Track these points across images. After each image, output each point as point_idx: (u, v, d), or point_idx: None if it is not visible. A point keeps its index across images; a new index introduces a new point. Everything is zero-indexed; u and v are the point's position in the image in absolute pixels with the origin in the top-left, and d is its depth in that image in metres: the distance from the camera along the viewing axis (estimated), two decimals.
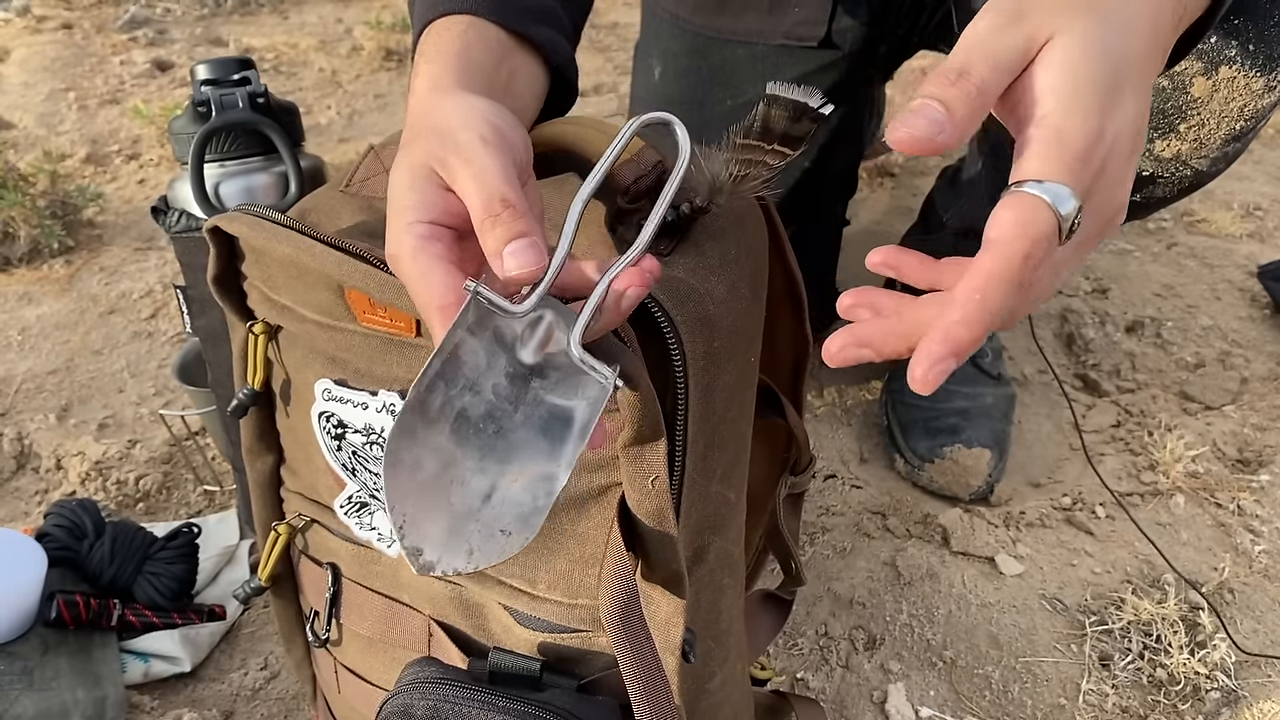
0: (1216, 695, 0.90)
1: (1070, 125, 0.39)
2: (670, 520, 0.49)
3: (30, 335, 1.39)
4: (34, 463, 1.16)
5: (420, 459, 0.43)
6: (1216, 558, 1.05)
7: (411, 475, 0.43)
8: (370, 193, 0.61)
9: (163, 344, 1.38)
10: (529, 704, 0.52)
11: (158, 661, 0.89)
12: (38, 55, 2.33)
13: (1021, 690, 0.91)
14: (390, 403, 0.53)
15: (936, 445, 1.11)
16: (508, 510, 0.43)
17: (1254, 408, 1.27)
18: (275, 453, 0.66)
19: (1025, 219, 0.38)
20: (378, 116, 2.14)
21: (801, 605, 0.98)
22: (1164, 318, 1.44)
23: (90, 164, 1.87)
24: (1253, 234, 1.68)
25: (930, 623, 0.97)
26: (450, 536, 0.43)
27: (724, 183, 0.52)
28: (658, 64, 1.13)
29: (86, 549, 0.91)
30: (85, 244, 1.61)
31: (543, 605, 0.55)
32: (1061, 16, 0.41)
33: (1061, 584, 1.02)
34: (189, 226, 0.85)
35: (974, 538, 1.05)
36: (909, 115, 0.39)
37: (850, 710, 0.89)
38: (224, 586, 0.99)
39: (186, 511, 1.10)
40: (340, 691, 0.69)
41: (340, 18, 2.73)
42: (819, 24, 1.04)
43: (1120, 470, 1.16)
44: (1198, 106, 0.76)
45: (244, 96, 0.83)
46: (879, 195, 1.78)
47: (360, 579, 0.64)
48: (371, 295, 0.50)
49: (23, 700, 0.81)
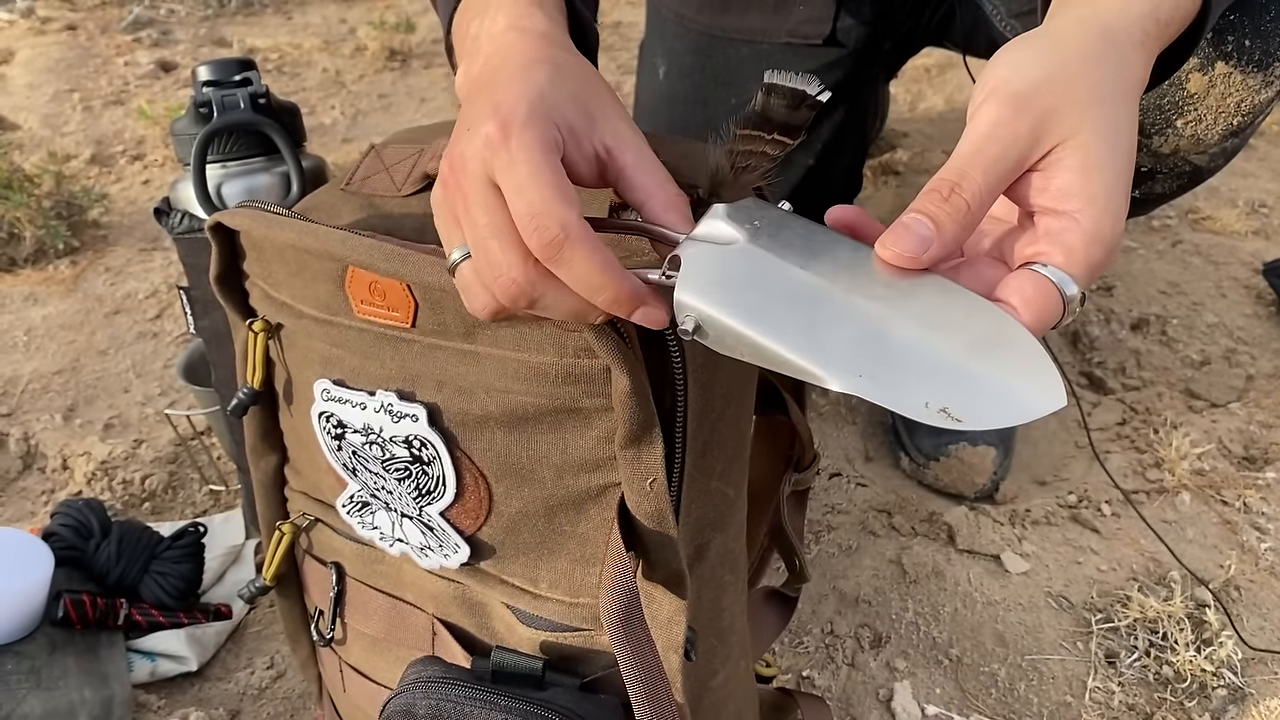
0: (1223, 692, 0.90)
1: (1104, 228, 0.41)
2: (670, 521, 0.49)
3: (36, 336, 1.39)
4: (40, 463, 1.17)
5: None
6: (1222, 555, 1.04)
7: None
8: (371, 191, 0.61)
9: (168, 344, 1.38)
10: (531, 703, 0.53)
11: (164, 661, 0.89)
12: (42, 56, 2.33)
13: (1027, 688, 0.91)
14: (388, 402, 0.53)
15: (941, 443, 1.11)
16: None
17: (1260, 405, 1.26)
18: (279, 452, 0.66)
19: (1044, 306, 0.40)
20: (381, 117, 2.14)
21: (807, 603, 0.98)
22: (1169, 315, 1.43)
23: (95, 165, 1.88)
24: (1258, 231, 1.67)
25: (936, 620, 0.97)
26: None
27: (726, 175, 0.51)
28: (662, 63, 1.13)
29: (93, 549, 0.91)
30: (90, 244, 1.62)
31: (545, 604, 0.55)
32: (1070, 113, 0.41)
33: (1067, 581, 1.01)
34: (192, 227, 0.85)
35: (979, 535, 1.05)
36: (898, 231, 0.40)
37: (856, 708, 0.89)
38: (230, 586, 0.99)
39: (192, 511, 1.10)
40: (345, 690, 0.69)
41: (344, 18, 2.74)
42: (823, 22, 1.04)
43: (1126, 468, 1.16)
44: (1194, 102, 0.75)
45: (245, 97, 0.83)
46: (884, 194, 1.78)
47: (364, 578, 0.64)
48: (377, 268, 0.49)
49: (30, 700, 0.81)
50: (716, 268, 0.41)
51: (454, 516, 0.55)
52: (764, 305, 0.40)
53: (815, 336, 0.39)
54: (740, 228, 0.43)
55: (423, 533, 0.57)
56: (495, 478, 0.53)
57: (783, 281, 0.41)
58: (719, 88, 1.09)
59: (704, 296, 0.41)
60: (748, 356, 0.40)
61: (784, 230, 0.43)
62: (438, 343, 0.51)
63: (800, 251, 0.42)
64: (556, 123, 0.43)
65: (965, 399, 0.38)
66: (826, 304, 0.40)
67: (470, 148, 0.42)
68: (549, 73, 0.45)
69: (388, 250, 0.49)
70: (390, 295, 0.51)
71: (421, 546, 0.58)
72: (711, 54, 1.08)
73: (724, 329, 0.40)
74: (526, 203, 0.40)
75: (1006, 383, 0.38)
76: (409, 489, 0.55)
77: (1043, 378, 0.38)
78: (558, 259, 0.40)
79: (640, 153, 0.45)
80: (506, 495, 0.53)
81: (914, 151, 1.91)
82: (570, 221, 0.39)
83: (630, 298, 0.41)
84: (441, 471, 0.53)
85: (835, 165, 1.16)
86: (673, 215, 0.44)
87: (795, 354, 0.39)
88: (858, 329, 0.40)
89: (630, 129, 0.45)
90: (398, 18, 2.50)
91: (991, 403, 0.38)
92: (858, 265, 0.42)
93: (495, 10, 0.53)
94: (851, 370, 0.38)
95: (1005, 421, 0.38)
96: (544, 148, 0.41)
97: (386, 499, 0.57)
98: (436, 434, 0.52)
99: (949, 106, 2.11)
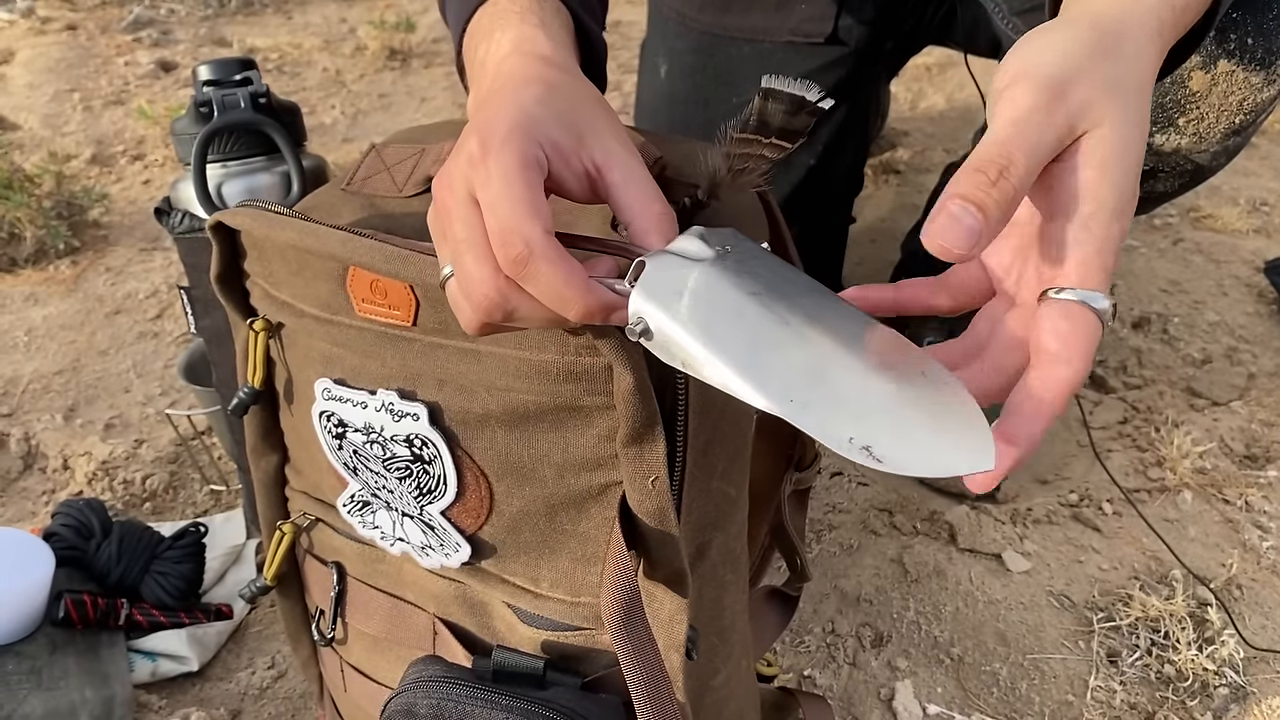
0: (1225, 691, 0.89)
1: (1112, 232, 0.41)
2: (671, 519, 0.49)
3: (36, 336, 1.39)
4: (41, 463, 1.17)
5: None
6: (1224, 554, 1.04)
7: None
8: (371, 191, 0.60)
9: (168, 344, 1.38)
10: (533, 702, 0.52)
11: (165, 661, 0.89)
12: (42, 56, 2.33)
13: (1029, 687, 0.91)
14: (389, 401, 0.53)
15: None
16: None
17: (1261, 403, 1.26)
18: (279, 452, 0.66)
19: (1085, 334, 0.40)
20: (382, 116, 2.14)
21: (808, 602, 0.98)
22: (1170, 314, 1.43)
23: (95, 165, 1.88)
24: (1259, 229, 1.67)
25: (938, 620, 0.97)
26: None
27: (723, 176, 0.51)
28: (663, 62, 1.13)
29: (94, 549, 0.91)
30: (91, 245, 1.62)
31: (546, 603, 0.55)
32: (1103, 103, 0.41)
33: (1069, 581, 1.01)
34: (192, 227, 0.85)
35: (981, 534, 1.05)
36: (945, 222, 0.39)
37: (858, 707, 0.89)
38: (231, 586, 0.99)
39: (193, 511, 1.10)
40: (347, 690, 0.69)
41: (344, 17, 2.74)
42: (825, 20, 1.04)
43: (1127, 466, 1.16)
44: (1197, 100, 0.75)
45: (246, 97, 0.83)
46: (884, 192, 1.78)
47: (365, 577, 0.64)
48: (379, 270, 0.49)
49: (31, 700, 0.81)
50: (676, 278, 0.42)
51: (455, 515, 0.55)
52: (712, 320, 0.41)
53: (756, 357, 0.40)
54: (711, 249, 0.43)
55: (424, 532, 0.57)
56: (496, 476, 0.53)
57: (736, 303, 0.42)
58: (720, 87, 1.09)
59: (656, 301, 0.41)
60: (687, 367, 0.41)
61: (752, 261, 0.44)
62: (439, 341, 0.51)
63: (762, 282, 0.43)
64: (540, 140, 0.43)
65: (890, 442, 0.38)
66: (774, 331, 0.41)
67: (455, 165, 0.44)
68: (539, 93, 0.46)
69: (389, 252, 0.49)
70: (392, 294, 0.51)
71: (422, 546, 0.58)
72: (713, 53, 1.08)
73: (669, 335, 0.41)
74: (497, 218, 0.41)
75: (936, 435, 0.39)
76: (410, 488, 0.55)
77: (974, 439, 0.39)
78: (524, 274, 0.41)
79: (629, 171, 0.45)
80: (507, 494, 0.53)
81: (915, 150, 1.91)
82: (535, 237, 0.40)
83: (599, 310, 0.41)
84: (442, 470, 0.53)
85: (837, 164, 1.16)
86: (653, 236, 0.44)
87: (732, 368, 0.39)
88: (800, 358, 0.40)
89: (621, 147, 0.46)
90: (398, 17, 2.50)
91: (917, 451, 0.38)
92: (816, 307, 0.43)
93: (500, 34, 0.54)
94: (784, 395, 0.39)
95: (926, 472, 0.38)
96: (520, 165, 0.42)
97: (387, 498, 0.57)
98: (437, 433, 0.52)
99: (950, 105, 2.11)
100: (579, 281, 0.41)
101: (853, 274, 1.49)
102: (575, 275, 0.41)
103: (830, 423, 0.38)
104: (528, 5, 0.56)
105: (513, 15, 0.55)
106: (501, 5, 0.56)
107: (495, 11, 0.56)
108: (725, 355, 0.40)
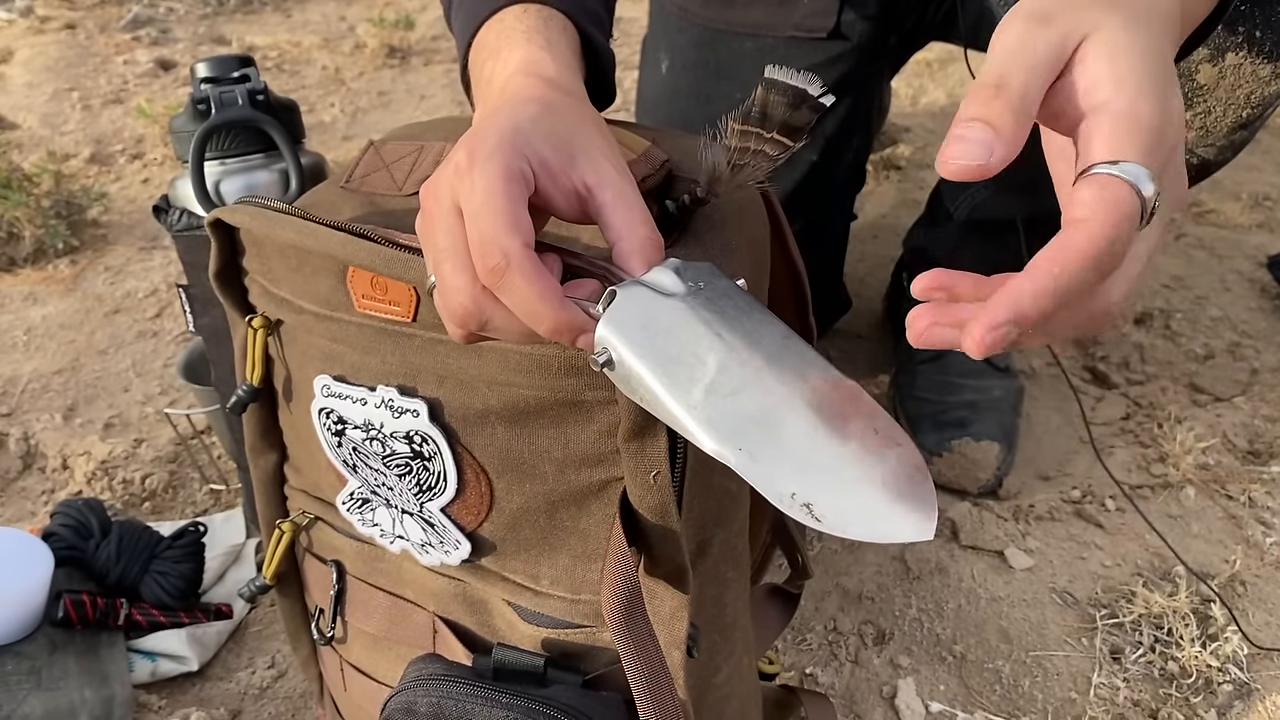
0: (1229, 688, 0.89)
1: (1142, 107, 0.37)
2: (673, 514, 0.49)
3: (36, 335, 1.39)
4: (40, 462, 1.16)
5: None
6: (1228, 550, 1.04)
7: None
8: (370, 189, 0.60)
9: (168, 343, 1.38)
10: (533, 700, 0.52)
11: (165, 661, 0.89)
12: (41, 55, 2.33)
13: (1032, 684, 0.90)
14: (389, 398, 0.53)
15: (945, 438, 1.11)
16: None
17: (1264, 399, 1.26)
18: (278, 450, 0.66)
19: (1111, 198, 0.36)
20: (381, 114, 2.13)
21: (810, 600, 0.98)
22: (1173, 309, 1.43)
23: (94, 164, 1.87)
24: (1262, 224, 1.67)
25: (940, 617, 0.96)
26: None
27: (723, 172, 0.51)
28: (665, 57, 1.13)
29: (93, 548, 0.91)
30: (90, 244, 1.61)
31: (546, 601, 0.55)
32: (1091, 13, 0.40)
33: (1071, 577, 1.01)
34: (190, 225, 0.85)
35: (983, 531, 1.05)
36: (955, 143, 0.38)
37: (860, 705, 0.88)
38: (231, 585, 0.99)
39: (193, 510, 1.10)
40: (347, 689, 0.69)
41: (343, 15, 2.74)
42: (828, 15, 1.04)
43: (1130, 462, 1.15)
44: (1204, 94, 0.75)
45: (244, 94, 0.83)
46: (886, 188, 1.78)
47: (364, 576, 0.63)
48: (376, 271, 0.49)
49: (31, 700, 0.81)
50: (645, 311, 0.42)
51: (455, 512, 0.55)
52: (673, 359, 0.41)
53: (710, 401, 0.40)
54: (684, 284, 0.43)
55: (423, 529, 0.56)
56: (496, 473, 0.52)
57: (700, 343, 0.41)
58: (722, 82, 1.09)
59: (622, 334, 0.41)
60: (644, 402, 0.41)
61: (724, 299, 0.44)
62: (439, 336, 0.50)
63: (729, 323, 0.43)
64: (528, 156, 0.44)
65: (831, 502, 0.38)
66: (733, 375, 0.41)
67: (443, 175, 0.45)
68: (533, 111, 0.47)
69: (389, 255, 0.49)
70: (392, 290, 0.51)
71: (422, 543, 0.57)
72: (715, 48, 1.08)
73: (630, 369, 0.41)
74: (478, 229, 0.41)
75: (879, 499, 0.38)
76: (409, 485, 0.55)
77: (917, 506, 0.38)
78: (500, 285, 0.41)
79: (619, 193, 0.45)
80: (508, 491, 0.53)
81: (916, 146, 1.90)
82: (513, 250, 0.40)
83: (569, 328, 0.42)
84: (442, 467, 0.53)
85: (839, 161, 1.16)
86: (636, 258, 0.44)
87: (684, 412, 0.39)
88: (752, 407, 0.40)
89: (614, 169, 0.46)
90: (397, 15, 2.49)
91: (857, 514, 0.38)
92: (780, 353, 0.42)
93: (507, 53, 0.54)
94: (734, 442, 0.39)
95: (865, 536, 0.38)
96: (504, 177, 0.42)
97: (387, 496, 0.57)
98: (437, 429, 0.52)
99: (951, 101, 2.10)
100: (553, 298, 0.41)
101: (854, 270, 1.49)
102: (549, 291, 0.41)
103: (774, 476, 0.38)
104: (533, 24, 0.56)
105: (519, 35, 0.55)
106: (508, 22, 0.57)
107: (502, 29, 0.56)
108: (680, 396, 0.40)
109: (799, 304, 0.71)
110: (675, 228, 0.54)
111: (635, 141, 0.58)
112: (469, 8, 0.60)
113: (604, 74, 0.62)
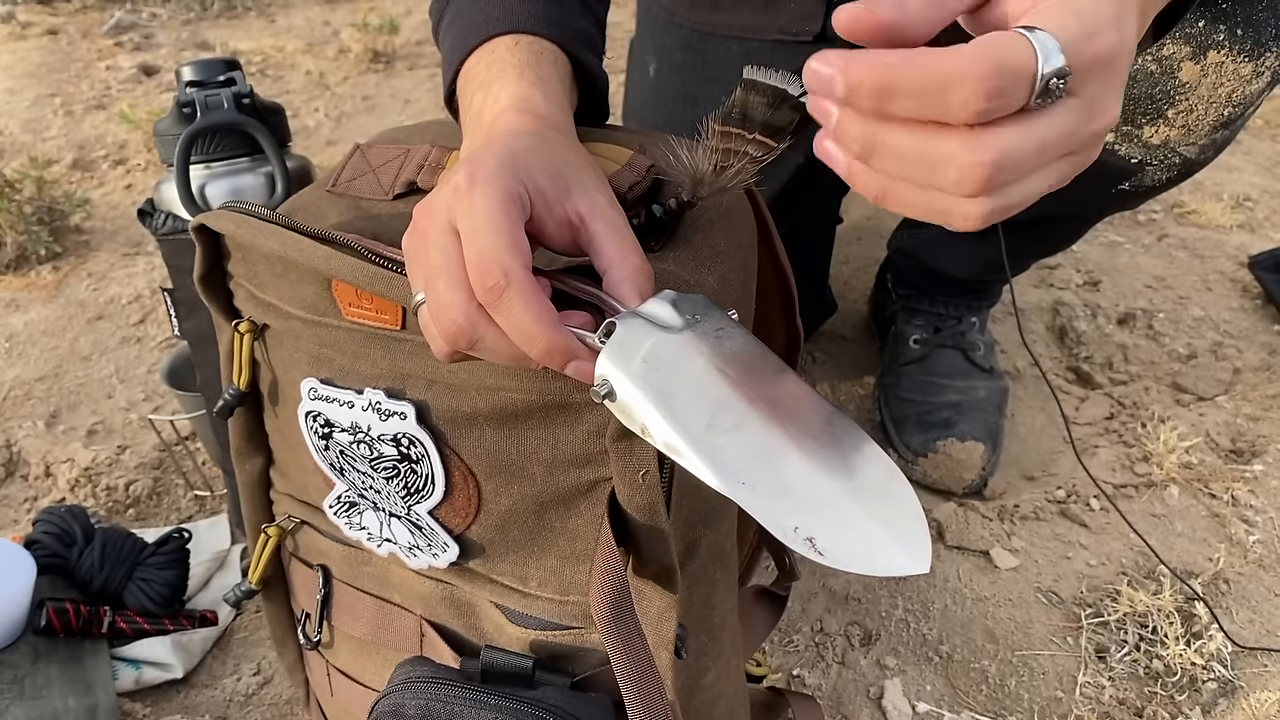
0: (1213, 686, 0.90)
1: (1084, 2, 0.36)
2: (661, 514, 0.49)
3: (18, 342, 1.38)
4: (23, 470, 1.15)
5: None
6: (1211, 548, 1.05)
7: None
8: (356, 192, 0.60)
9: (151, 349, 1.37)
10: (522, 702, 0.52)
11: (149, 668, 0.88)
12: (23, 61, 2.32)
13: (1018, 683, 0.91)
14: (376, 400, 0.52)
15: (930, 439, 1.11)
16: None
17: (1246, 398, 1.27)
18: (264, 454, 0.65)
19: (1001, 42, 0.34)
20: (365, 118, 2.13)
21: (797, 602, 0.98)
22: (1155, 309, 1.44)
23: (77, 169, 1.86)
24: (1243, 225, 1.68)
25: (926, 617, 0.97)
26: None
27: (705, 174, 0.51)
28: (652, 60, 1.13)
29: (76, 556, 0.90)
30: (72, 250, 1.60)
31: (534, 603, 0.55)
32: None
33: (1057, 577, 1.02)
34: (176, 228, 0.84)
35: (968, 532, 1.05)
36: (854, 8, 0.36)
37: (847, 706, 0.89)
38: (216, 592, 0.98)
39: (177, 517, 1.09)
40: (333, 694, 0.69)
41: (327, 20, 2.73)
42: (814, 19, 1.04)
43: (1114, 462, 1.16)
44: (1186, 92, 0.75)
45: (229, 97, 0.83)
46: None
47: (351, 580, 0.63)
48: (360, 287, 0.49)
49: (14, 709, 0.80)
50: (645, 345, 0.42)
51: (443, 515, 0.55)
52: (675, 393, 0.41)
53: (712, 436, 0.41)
54: (682, 316, 0.44)
55: (411, 532, 0.56)
56: (484, 475, 0.52)
57: (701, 378, 0.42)
58: (709, 85, 1.09)
59: (623, 368, 0.42)
60: (646, 434, 0.41)
61: (719, 332, 0.45)
62: None
63: (727, 357, 0.43)
64: (525, 182, 0.44)
65: (833, 536, 0.39)
66: (732, 411, 0.42)
67: (439, 195, 0.45)
68: (529, 143, 0.48)
69: (372, 272, 0.49)
70: (378, 300, 0.51)
71: (410, 546, 0.57)
72: (702, 51, 1.08)
73: (632, 403, 0.41)
74: (477, 248, 0.42)
75: (877, 534, 0.39)
76: (397, 488, 0.55)
77: (913, 539, 0.39)
78: (497, 304, 0.41)
79: (611, 224, 0.46)
80: (496, 493, 0.53)
81: None
82: (513, 270, 0.41)
83: (562, 351, 0.42)
84: (430, 470, 0.53)
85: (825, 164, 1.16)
86: (628, 287, 0.44)
87: (689, 445, 0.40)
88: (753, 443, 0.41)
89: (607, 202, 0.47)
90: (381, 19, 2.49)
91: (857, 548, 0.39)
92: (777, 387, 0.43)
93: (499, 88, 0.55)
94: (736, 476, 0.40)
95: (865, 570, 0.39)
96: (504, 200, 0.43)
97: (374, 498, 0.57)
98: (425, 432, 0.52)
99: None
100: (548, 320, 0.41)
101: (839, 272, 1.49)
102: (545, 314, 0.41)
103: (777, 510, 0.39)
104: (525, 59, 0.56)
105: (510, 69, 0.56)
106: (499, 54, 0.57)
107: (493, 60, 0.57)
108: (683, 430, 0.40)
109: (786, 306, 0.72)
110: (663, 232, 0.55)
111: (619, 152, 0.58)
112: (460, 30, 0.60)
113: (598, 96, 0.63)
